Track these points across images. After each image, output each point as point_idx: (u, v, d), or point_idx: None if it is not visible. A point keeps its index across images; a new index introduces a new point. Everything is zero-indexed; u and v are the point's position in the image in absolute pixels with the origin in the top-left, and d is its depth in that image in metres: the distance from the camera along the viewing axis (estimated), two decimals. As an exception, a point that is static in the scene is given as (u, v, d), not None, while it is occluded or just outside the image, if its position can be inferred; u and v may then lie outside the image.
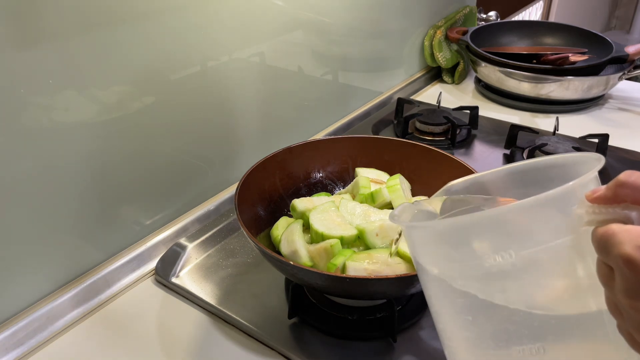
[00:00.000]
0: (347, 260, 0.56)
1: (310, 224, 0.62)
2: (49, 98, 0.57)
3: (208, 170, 0.81)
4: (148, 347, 0.60)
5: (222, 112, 0.79)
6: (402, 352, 0.58)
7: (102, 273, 0.67)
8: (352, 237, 0.60)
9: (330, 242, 0.58)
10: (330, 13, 0.95)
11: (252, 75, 0.83)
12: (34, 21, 0.54)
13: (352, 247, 0.61)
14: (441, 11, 1.30)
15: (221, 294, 0.66)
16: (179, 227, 0.76)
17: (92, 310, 0.65)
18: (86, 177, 0.63)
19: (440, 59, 1.27)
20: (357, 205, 0.65)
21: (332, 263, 0.56)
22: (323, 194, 0.72)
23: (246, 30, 0.79)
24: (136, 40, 0.64)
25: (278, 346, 0.59)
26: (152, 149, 0.71)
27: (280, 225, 0.66)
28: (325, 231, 0.60)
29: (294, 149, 0.72)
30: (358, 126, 1.08)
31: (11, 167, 0.56)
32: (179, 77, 0.71)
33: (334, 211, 0.63)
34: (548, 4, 2.29)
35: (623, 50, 1.15)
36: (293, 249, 0.60)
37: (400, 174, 0.70)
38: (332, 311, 0.62)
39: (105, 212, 0.67)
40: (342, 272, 0.56)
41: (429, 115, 1.04)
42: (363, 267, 0.55)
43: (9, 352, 0.59)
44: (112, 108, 0.64)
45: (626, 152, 0.97)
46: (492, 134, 1.05)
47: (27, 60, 0.54)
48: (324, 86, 1.01)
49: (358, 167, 0.74)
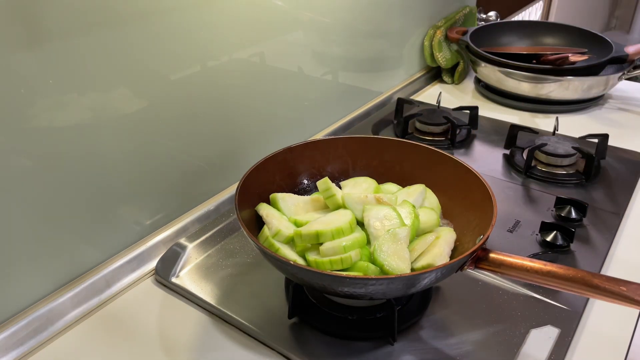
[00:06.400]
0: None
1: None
2: (49, 98, 0.57)
3: (208, 170, 0.81)
4: (148, 347, 0.60)
5: (222, 112, 0.79)
6: (402, 352, 0.58)
7: (102, 273, 0.67)
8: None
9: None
10: (330, 13, 0.95)
11: (252, 75, 0.83)
12: (34, 21, 0.54)
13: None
14: (441, 11, 1.30)
15: (221, 294, 0.66)
16: (179, 227, 0.76)
17: (92, 310, 0.65)
18: (86, 177, 0.63)
19: (440, 59, 1.27)
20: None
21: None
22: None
23: (246, 30, 0.79)
24: (136, 41, 0.64)
25: (278, 346, 0.59)
26: (152, 148, 0.71)
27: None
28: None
29: (294, 149, 0.72)
30: (358, 126, 1.08)
31: (11, 167, 0.56)
32: (179, 77, 0.71)
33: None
34: (548, 4, 2.29)
35: (623, 50, 1.15)
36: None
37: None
38: (332, 311, 0.62)
39: (105, 212, 0.67)
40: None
41: (428, 115, 1.04)
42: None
43: (9, 352, 0.59)
44: (112, 108, 0.64)
45: (626, 152, 0.97)
46: (492, 134, 1.05)
47: (27, 60, 0.54)
48: (324, 86, 1.01)
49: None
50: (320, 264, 0.58)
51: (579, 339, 0.60)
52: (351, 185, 0.71)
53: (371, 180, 0.72)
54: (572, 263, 0.70)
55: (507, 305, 0.64)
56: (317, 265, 0.58)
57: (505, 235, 0.76)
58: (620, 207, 0.82)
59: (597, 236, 0.75)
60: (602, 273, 0.70)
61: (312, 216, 0.65)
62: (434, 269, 0.52)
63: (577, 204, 0.79)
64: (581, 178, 0.89)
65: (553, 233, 0.73)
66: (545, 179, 0.89)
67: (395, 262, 0.57)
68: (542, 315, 0.62)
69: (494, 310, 0.63)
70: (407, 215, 0.63)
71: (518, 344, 0.58)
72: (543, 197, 0.85)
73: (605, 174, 0.91)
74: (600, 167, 0.92)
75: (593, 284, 0.51)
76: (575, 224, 0.78)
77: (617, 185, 0.87)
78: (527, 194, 0.86)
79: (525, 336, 0.59)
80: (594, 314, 0.64)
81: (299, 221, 0.64)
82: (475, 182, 0.64)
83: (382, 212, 0.62)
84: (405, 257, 0.58)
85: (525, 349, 0.58)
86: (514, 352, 0.58)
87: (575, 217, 0.78)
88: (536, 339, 0.59)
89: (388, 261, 0.57)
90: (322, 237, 0.59)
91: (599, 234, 0.76)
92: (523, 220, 0.79)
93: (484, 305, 0.64)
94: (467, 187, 0.66)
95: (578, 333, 0.61)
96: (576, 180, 0.88)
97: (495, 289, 0.66)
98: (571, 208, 0.79)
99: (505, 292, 0.66)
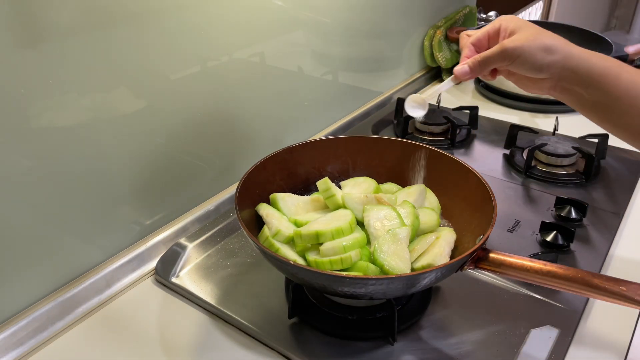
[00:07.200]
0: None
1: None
2: (49, 98, 0.57)
3: (208, 170, 0.81)
4: (148, 347, 0.60)
5: (222, 112, 0.79)
6: (402, 352, 0.58)
7: (102, 273, 0.67)
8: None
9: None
10: (330, 13, 0.95)
11: (252, 75, 0.83)
12: (34, 21, 0.54)
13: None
14: (441, 11, 1.30)
15: (221, 294, 0.66)
16: (179, 227, 0.76)
17: (92, 310, 0.65)
18: (86, 176, 0.63)
19: (440, 59, 1.27)
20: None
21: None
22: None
23: (246, 30, 0.79)
24: (136, 41, 0.64)
25: (278, 346, 0.59)
26: (152, 148, 0.71)
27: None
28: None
29: (294, 149, 0.72)
30: (358, 126, 1.08)
31: (11, 167, 0.56)
32: (179, 77, 0.71)
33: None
34: (548, 4, 2.29)
35: (623, 50, 1.15)
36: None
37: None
38: (332, 311, 0.62)
39: (105, 212, 0.67)
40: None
41: (428, 115, 1.04)
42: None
43: (9, 352, 0.59)
44: (112, 108, 0.64)
45: (626, 152, 0.97)
46: (492, 134, 1.05)
47: (27, 60, 0.54)
48: (324, 86, 1.01)
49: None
50: (320, 264, 0.58)
51: (579, 339, 0.60)
52: (351, 185, 0.71)
53: (371, 180, 0.72)
54: (572, 263, 0.70)
55: (507, 305, 0.64)
56: (317, 265, 0.58)
57: (505, 235, 0.76)
58: (620, 207, 0.82)
59: (597, 236, 0.75)
60: (602, 273, 0.70)
61: (312, 216, 0.65)
62: (434, 269, 0.52)
63: (577, 204, 0.79)
64: (581, 178, 0.89)
65: (553, 233, 0.73)
66: (545, 179, 0.89)
67: (395, 262, 0.57)
68: (542, 315, 0.62)
69: (494, 310, 0.63)
70: (407, 215, 0.63)
71: (518, 344, 0.58)
72: (543, 197, 0.85)
73: (605, 174, 0.91)
74: (600, 167, 0.92)
75: (593, 284, 0.51)
76: (575, 224, 0.78)
77: (617, 185, 0.87)
78: (527, 194, 0.86)
79: (525, 336, 0.59)
80: (594, 314, 0.64)
81: (299, 221, 0.64)
82: (475, 182, 0.64)
83: (382, 212, 0.62)
84: (405, 257, 0.58)
85: (525, 349, 0.58)
86: (514, 352, 0.58)
87: (575, 217, 0.78)
88: (536, 339, 0.59)
89: (388, 261, 0.57)
90: (322, 237, 0.59)
91: (599, 234, 0.76)
92: (523, 220, 0.79)
93: (484, 305, 0.64)
94: (467, 187, 0.66)
95: (578, 333, 0.61)
96: (576, 180, 0.88)
97: (495, 289, 0.66)
98: (571, 208, 0.79)
99: (505, 292, 0.66)
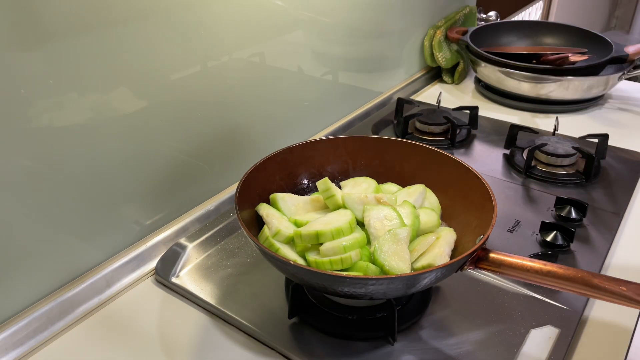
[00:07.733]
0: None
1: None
2: (49, 99, 0.57)
3: (208, 170, 0.81)
4: (148, 347, 0.60)
5: (222, 112, 0.79)
6: (402, 352, 0.58)
7: (102, 273, 0.67)
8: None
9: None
10: (330, 13, 0.95)
11: (252, 75, 0.83)
12: (34, 22, 0.54)
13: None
14: (441, 11, 1.30)
15: (221, 294, 0.66)
16: (179, 227, 0.76)
17: (92, 310, 0.65)
18: (86, 177, 0.63)
19: (440, 59, 1.27)
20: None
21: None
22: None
23: (246, 30, 0.79)
24: (136, 41, 0.64)
25: (278, 346, 0.59)
26: (152, 148, 0.71)
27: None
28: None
29: (294, 149, 0.72)
30: (358, 126, 1.08)
31: (11, 167, 0.56)
32: (179, 77, 0.71)
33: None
34: (548, 4, 2.29)
35: (623, 50, 1.15)
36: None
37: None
38: (332, 311, 0.62)
39: (105, 212, 0.67)
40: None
41: (428, 115, 1.04)
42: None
43: (9, 352, 0.59)
44: (112, 108, 0.64)
45: (626, 152, 0.97)
46: (492, 134, 1.05)
47: (27, 60, 0.54)
48: (324, 86, 1.01)
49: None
50: (320, 264, 0.58)
51: (579, 339, 0.60)
52: (351, 185, 0.71)
53: (371, 180, 0.72)
54: (572, 263, 0.70)
55: (507, 305, 0.64)
56: (317, 265, 0.58)
57: (505, 235, 0.76)
58: (620, 207, 0.82)
59: (597, 236, 0.75)
60: (602, 273, 0.70)
61: (312, 216, 0.65)
62: (434, 269, 0.52)
63: (577, 204, 0.79)
64: (581, 178, 0.89)
65: (553, 233, 0.73)
66: (545, 179, 0.89)
67: (396, 262, 0.57)
68: (542, 315, 0.62)
69: (494, 310, 0.63)
70: (408, 215, 0.63)
71: (518, 344, 0.58)
72: (543, 197, 0.85)
73: (605, 174, 0.91)
74: (600, 167, 0.92)
75: (593, 284, 0.51)
76: (575, 224, 0.78)
77: (617, 185, 0.87)
78: (527, 194, 0.86)
79: (525, 336, 0.59)
80: (594, 314, 0.64)
81: (299, 221, 0.64)
82: (475, 182, 0.64)
83: (382, 212, 0.62)
84: (405, 257, 0.58)
85: (525, 349, 0.58)
86: (514, 352, 0.58)
87: (575, 217, 0.78)
88: (536, 339, 0.59)
89: (388, 261, 0.57)
90: (322, 237, 0.59)
91: (599, 234, 0.76)
92: (523, 220, 0.79)
93: (484, 305, 0.64)
94: (467, 187, 0.66)
95: (578, 333, 0.61)
96: (576, 180, 0.88)
97: (495, 289, 0.66)
98: (571, 208, 0.79)
99: (505, 292, 0.66)
